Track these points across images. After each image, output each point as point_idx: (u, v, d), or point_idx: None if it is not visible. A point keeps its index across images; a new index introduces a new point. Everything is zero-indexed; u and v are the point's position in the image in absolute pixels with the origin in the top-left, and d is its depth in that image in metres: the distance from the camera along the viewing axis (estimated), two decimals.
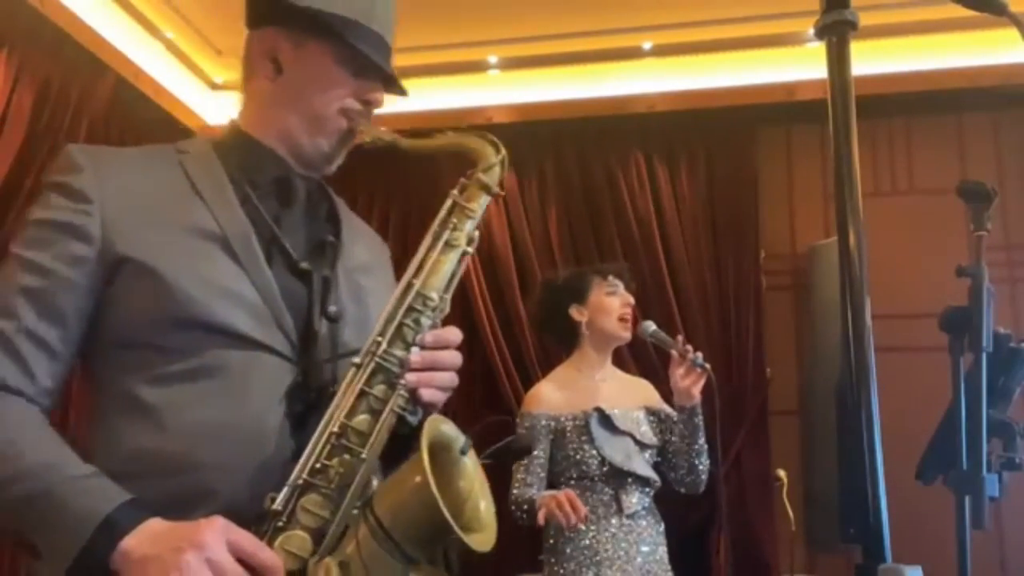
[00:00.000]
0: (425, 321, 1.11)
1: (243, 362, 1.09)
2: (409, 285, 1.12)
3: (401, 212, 4.28)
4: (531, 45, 4.05)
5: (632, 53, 4.06)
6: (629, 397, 2.58)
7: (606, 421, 2.47)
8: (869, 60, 3.73)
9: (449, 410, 1.19)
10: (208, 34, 4.14)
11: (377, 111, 1.28)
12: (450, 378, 1.11)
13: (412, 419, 1.09)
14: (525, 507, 2.38)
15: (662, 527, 2.52)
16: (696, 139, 4.17)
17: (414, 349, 1.09)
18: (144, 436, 1.07)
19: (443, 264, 1.13)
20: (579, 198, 4.18)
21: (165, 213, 1.12)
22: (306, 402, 1.11)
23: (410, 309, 1.10)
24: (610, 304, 2.56)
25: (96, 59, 3.63)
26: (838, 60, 0.96)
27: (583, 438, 2.45)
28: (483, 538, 1.06)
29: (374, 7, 1.23)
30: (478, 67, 4.13)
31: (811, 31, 1.02)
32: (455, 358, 1.12)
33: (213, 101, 4.47)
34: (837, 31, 0.96)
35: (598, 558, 2.37)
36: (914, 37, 3.83)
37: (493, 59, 4.14)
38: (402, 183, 4.19)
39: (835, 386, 3.98)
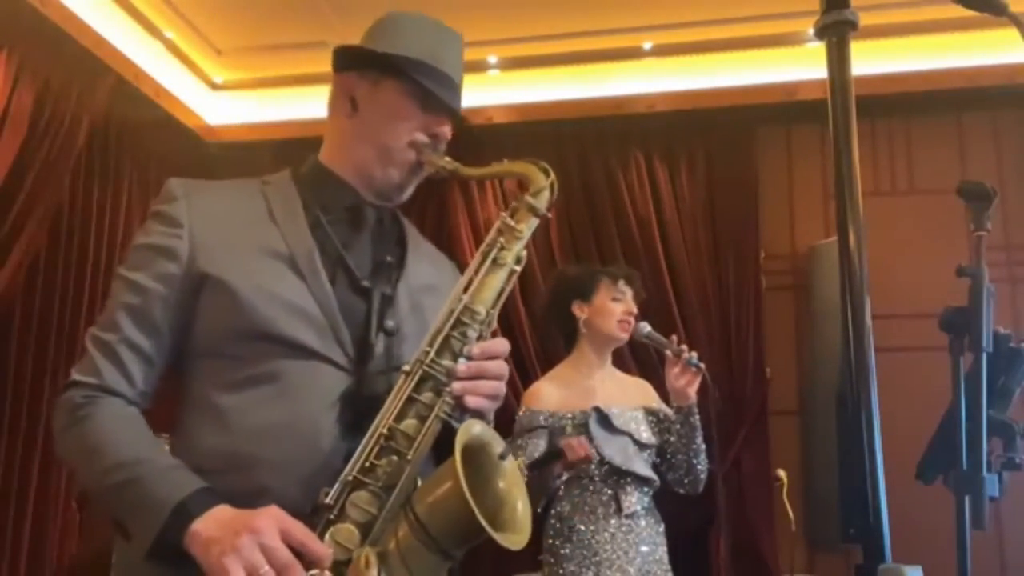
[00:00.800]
0: (472, 334, 1.19)
1: (302, 370, 1.20)
2: (458, 300, 1.21)
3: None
4: (531, 45, 4.05)
5: (632, 53, 4.06)
6: (628, 397, 2.58)
7: (604, 420, 2.47)
8: (869, 60, 3.73)
9: None
10: (208, 34, 4.14)
11: None
12: (495, 387, 1.20)
13: (457, 425, 1.17)
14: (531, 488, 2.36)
15: (662, 527, 2.52)
16: (696, 139, 4.17)
17: (461, 360, 1.17)
18: (213, 436, 1.19)
19: (491, 281, 1.23)
20: (579, 198, 4.18)
21: (242, 236, 1.26)
22: (358, 409, 1.20)
23: (458, 322, 1.19)
24: (612, 309, 2.56)
25: (96, 59, 3.63)
26: (838, 60, 0.96)
27: (581, 436, 2.44)
28: (518, 538, 1.13)
29: (443, 49, 1.39)
30: (478, 67, 4.13)
31: (811, 31, 1.02)
32: (501, 368, 1.21)
33: (213, 101, 4.47)
34: (837, 31, 0.96)
35: (597, 558, 2.37)
36: (914, 37, 3.83)
37: (493, 59, 4.14)
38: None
39: (835, 386, 4.00)
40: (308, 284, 1.23)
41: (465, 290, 1.22)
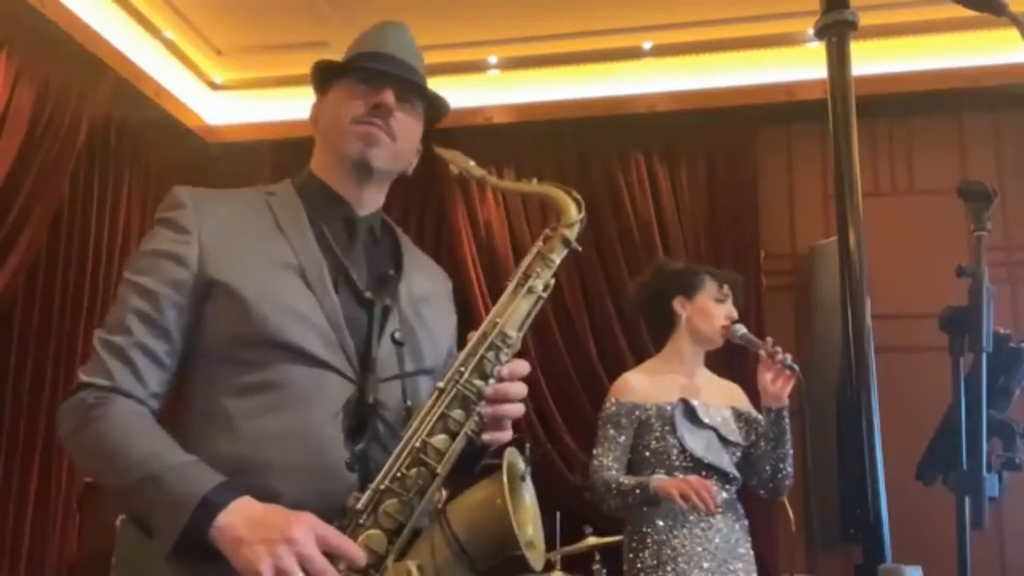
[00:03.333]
0: (503, 357, 1.25)
1: (308, 377, 1.23)
2: (492, 324, 1.26)
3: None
4: (531, 45, 4.05)
5: (632, 53, 4.06)
6: (717, 395, 2.58)
7: (690, 412, 2.47)
8: (869, 60, 3.73)
9: None
10: (208, 34, 4.14)
11: None
12: (517, 409, 1.25)
13: (477, 442, 1.24)
14: (625, 489, 2.35)
15: (744, 523, 2.50)
16: (696, 139, 4.17)
17: (491, 380, 1.23)
18: (221, 440, 1.21)
19: (523, 306, 1.28)
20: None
21: (252, 245, 1.29)
22: (360, 416, 1.25)
23: (491, 346, 1.24)
24: (716, 310, 2.55)
25: (96, 59, 3.63)
26: (838, 60, 0.96)
27: (666, 428, 2.45)
28: (537, 555, 1.20)
29: (382, 38, 1.40)
30: (478, 67, 4.13)
31: (811, 31, 1.02)
32: (522, 390, 1.26)
33: (213, 101, 4.47)
34: (837, 31, 0.96)
35: (673, 552, 2.37)
36: (914, 37, 3.83)
37: (493, 59, 4.14)
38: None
39: (835, 386, 4.00)
40: (316, 296, 1.27)
41: (500, 313, 1.26)
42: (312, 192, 1.39)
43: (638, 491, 2.32)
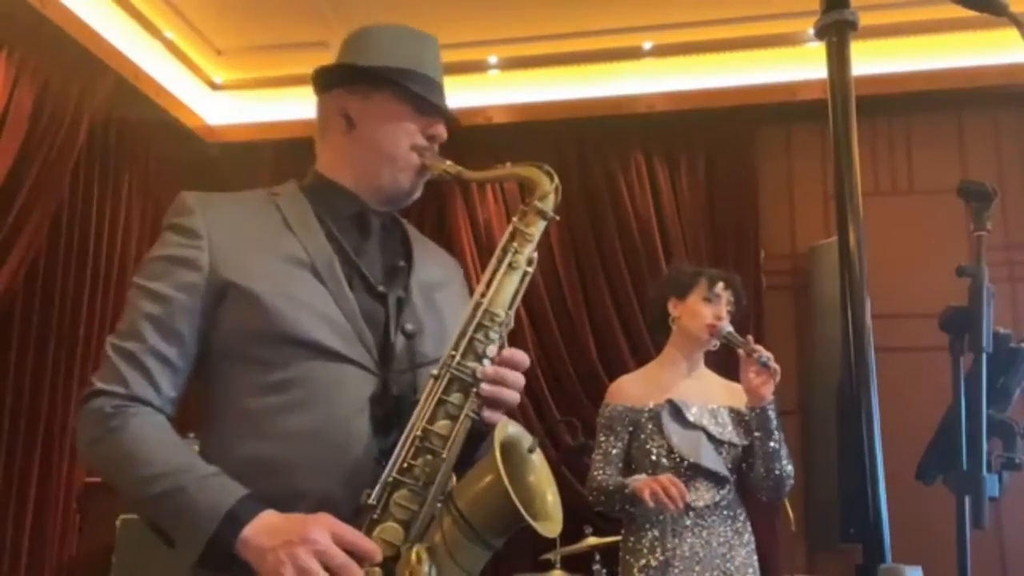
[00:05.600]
0: (493, 335, 1.25)
1: (330, 374, 1.24)
2: (478, 304, 1.26)
3: None
4: (531, 45, 4.05)
5: (632, 53, 4.06)
6: (711, 396, 2.57)
7: (677, 413, 2.49)
8: (869, 60, 3.73)
9: None
10: (208, 34, 4.14)
11: None
12: (513, 396, 1.25)
13: (482, 424, 1.23)
14: (610, 491, 2.43)
15: (738, 525, 2.50)
16: (696, 139, 4.17)
17: (485, 361, 1.24)
18: (247, 442, 1.23)
19: (507, 284, 1.28)
20: (579, 198, 4.18)
21: (262, 245, 1.30)
22: (386, 409, 1.26)
23: (480, 325, 1.25)
24: (702, 311, 2.55)
25: (96, 59, 3.63)
26: (838, 60, 0.96)
27: (655, 429, 2.48)
28: (551, 526, 1.20)
29: (423, 54, 1.42)
30: (478, 67, 4.13)
31: (811, 31, 1.02)
32: (520, 380, 1.26)
33: (213, 101, 4.47)
34: (837, 31, 0.96)
35: (667, 554, 2.39)
36: (914, 37, 3.83)
37: (493, 59, 4.14)
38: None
39: (835, 386, 3.99)
40: (330, 291, 1.28)
41: (484, 293, 1.27)
42: (321, 192, 1.39)
43: (622, 492, 2.40)
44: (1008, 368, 1.46)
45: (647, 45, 4.03)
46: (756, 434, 2.46)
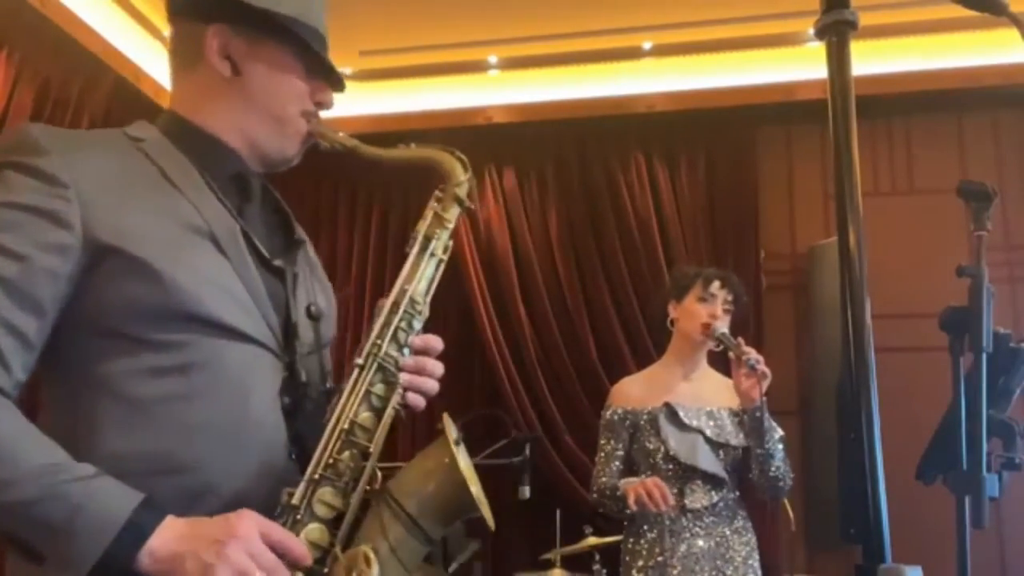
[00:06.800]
0: (416, 324, 1.19)
1: (237, 357, 1.10)
2: (403, 291, 1.18)
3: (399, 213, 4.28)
4: (531, 45, 4.04)
5: (632, 53, 4.06)
6: (711, 397, 2.58)
7: (674, 416, 2.50)
8: (869, 60, 3.73)
9: (449, 409, 1.23)
10: None
11: (381, 111, 1.31)
12: (434, 385, 1.19)
13: (402, 415, 1.16)
14: (608, 494, 2.49)
15: (737, 525, 2.50)
16: (696, 139, 4.17)
17: (406, 351, 1.17)
18: (130, 434, 1.04)
19: (427, 272, 1.21)
20: (579, 198, 4.17)
21: (144, 202, 1.09)
22: (294, 396, 1.15)
23: (404, 313, 1.17)
24: (697, 311, 2.56)
25: (96, 59, 3.63)
26: (838, 60, 0.96)
27: (652, 432, 2.50)
28: (486, 512, 1.15)
29: (317, 8, 1.25)
30: (478, 67, 4.13)
31: (811, 31, 1.02)
32: (439, 367, 1.20)
33: None
34: (837, 31, 0.96)
35: (663, 556, 2.40)
36: (914, 37, 3.82)
37: (493, 59, 4.13)
38: (400, 184, 4.19)
39: (835, 386, 3.98)
40: (232, 263, 1.11)
41: (408, 281, 1.19)
42: (194, 143, 1.18)
43: (614, 494, 2.45)
44: (1008, 368, 1.46)
45: (647, 45, 4.03)
46: (751, 435, 2.46)
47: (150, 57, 3.97)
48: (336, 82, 1.27)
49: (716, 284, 2.58)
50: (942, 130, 4.07)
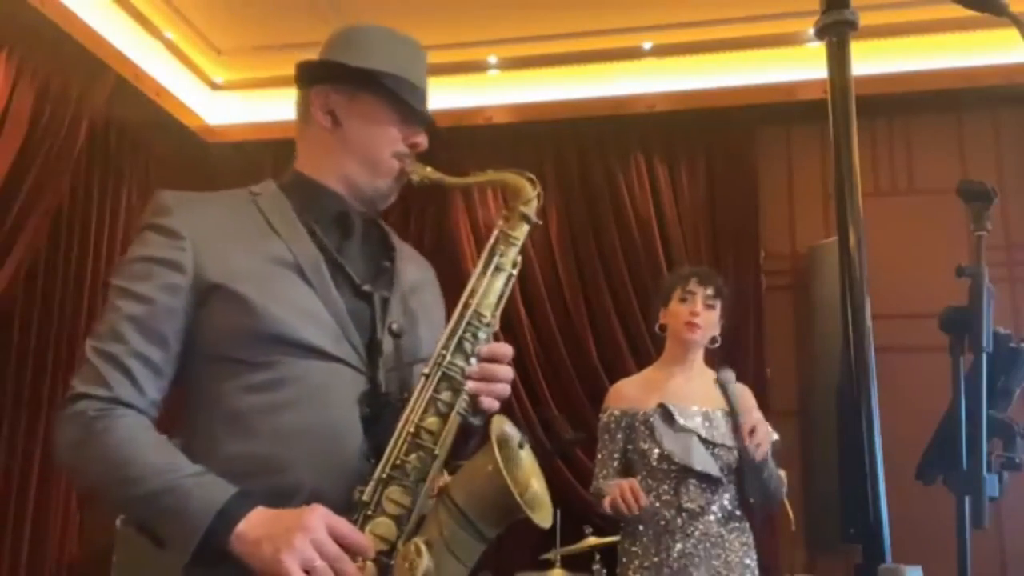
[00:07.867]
0: (481, 335, 1.28)
1: (319, 372, 1.26)
2: (466, 305, 1.29)
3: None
4: (531, 45, 4.05)
5: (632, 53, 4.06)
6: (707, 397, 2.58)
7: (668, 417, 2.51)
8: (869, 60, 3.73)
9: None
10: (208, 34, 4.14)
11: None
12: (503, 388, 1.28)
13: (472, 420, 1.26)
14: (598, 494, 2.52)
15: (734, 524, 2.50)
16: (696, 139, 4.17)
17: (472, 360, 1.27)
18: (237, 441, 1.23)
19: (494, 286, 1.31)
20: (579, 198, 4.17)
21: (245, 245, 1.30)
22: (375, 407, 1.28)
23: (468, 325, 1.28)
24: (680, 310, 2.60)
25: (96, 59, 3.63)
26: (838, 60, 0.96)
27: (647, 433, 2.52)
28: (543, 515, 1.22)
29: (411, 62, 1.42)
30: (478, 67, 4.13)
31: (811, 31, 1.02)
32: (508, 372, 1.29)
33: (213, 101, 4.47)
34: (837, 31, 0.96)
35: (659, 556, 2.42)
36: (914, 37, 3.83)
37: (493, 59, 4.14)
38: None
39: (835, 386, 3.98)
40: (316, 291, 1.29)
41: (471, 295, 1.29)
42: (303, 191, 1.39)
43: (602, 496, 2.46)
44: (1008, 368, 1.46)
45: (647, 45, 4.03)
46: (748, 472, 2.46)
47: (150, 57, 3.97)
48: (431, 128, 1.43)
49: (693, 281, 2.61)
50: (942, 130, 4.07)
